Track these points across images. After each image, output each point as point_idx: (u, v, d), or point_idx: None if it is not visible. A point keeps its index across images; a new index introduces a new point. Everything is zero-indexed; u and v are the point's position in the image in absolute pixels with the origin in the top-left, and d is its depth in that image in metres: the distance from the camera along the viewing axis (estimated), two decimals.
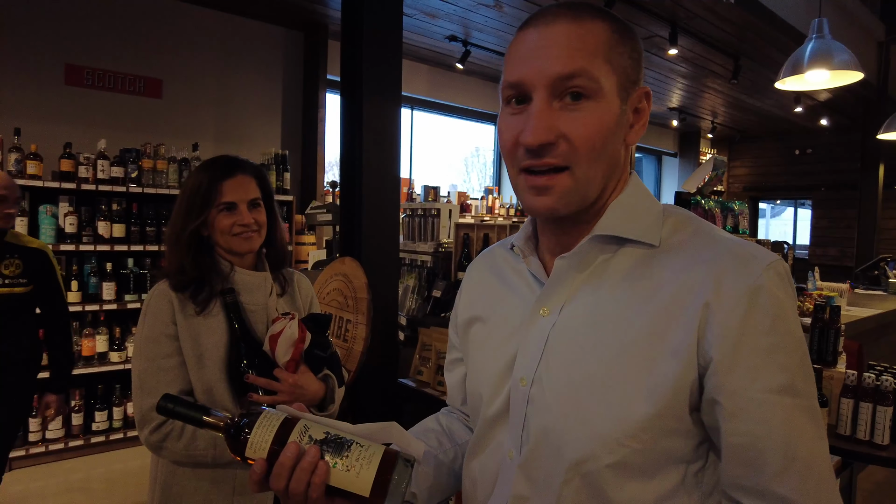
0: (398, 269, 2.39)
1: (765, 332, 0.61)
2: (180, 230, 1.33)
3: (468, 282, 0.90)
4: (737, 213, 2.28)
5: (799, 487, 0.59)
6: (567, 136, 0.65)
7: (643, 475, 0.64)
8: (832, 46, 3.48)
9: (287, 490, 0.64)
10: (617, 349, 0.66)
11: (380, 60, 2.25)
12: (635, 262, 0.69)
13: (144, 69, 4.37)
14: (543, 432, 0.68)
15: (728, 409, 0.61)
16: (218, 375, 1.28)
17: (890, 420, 1.69)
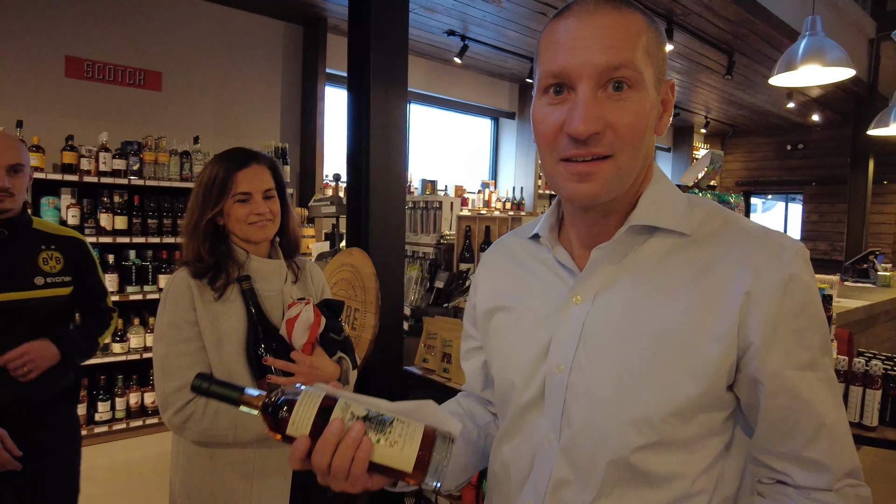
0: (403, 260, 2.45)
1: (796, 315, 0.66)
2: (197, 220, 1.37)
3: (485, 272, 0.91)
4: (732, 205, 2.35)
5: (827, 451, 0.67)
6: (613, 125, 0.66)
7: (685, 450, 0.69)
8: (825, 43, 3.56)
9: (330, 466, 0.65)
10: (658, 335, 0.69)
11: (386, 55, 2.30)
12: (668, 250, 0.72)
13: (144, 62, 4.38)
14: (586, 417, 0.71)
15: (769, 388, 0.67)
16: (237, 359, 1.34)
17: (878, 403, 1.77)
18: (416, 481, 0.67)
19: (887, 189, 8.29)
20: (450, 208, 3.15)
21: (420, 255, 3.11)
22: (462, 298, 2.67)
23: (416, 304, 2.88)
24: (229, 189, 1.36)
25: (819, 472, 0.67)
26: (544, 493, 0.75)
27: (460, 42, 5.32)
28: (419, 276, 2.96)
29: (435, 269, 2.96)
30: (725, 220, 0.73)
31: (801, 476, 0.68)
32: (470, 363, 0.94)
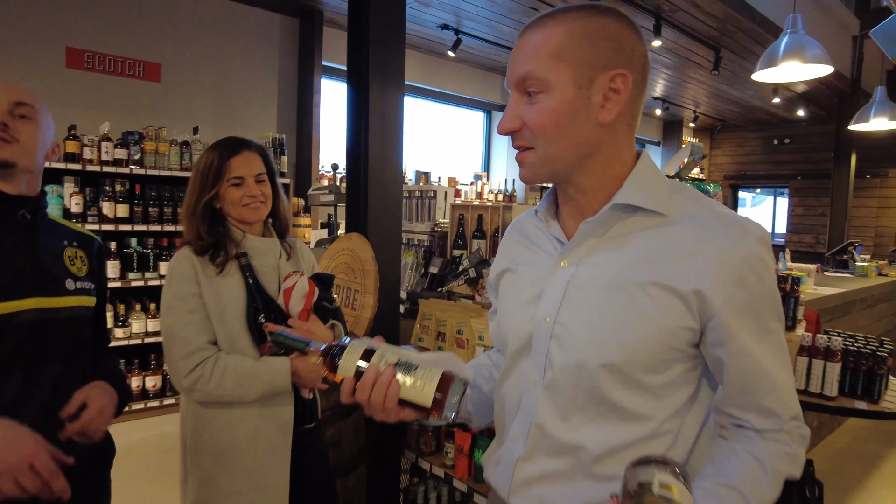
0: (400, 246, 2.57)
1: (754, 289, 0.79)
2: (195, 203, 1.50)
3: (502, 244, 1.06)
4: (711, 194, 2.49)
5: (778, 401, 0.81)
6: (528, 123, 0.83)
7: (654, 395, 0.83)
8: (805, 41, 3.69)
9: (369, 400, 0.82)
10: (629, 296, 0.81)
11: (385, 50, 2.41)
12: (646, 227, 0.84)
13: (143, 53, 4.47)
14: (566, 361, 0.84)
15: (731, 349, 0.79)
16: (238, 327, 1.47)
17: (838, 375, 1.92)
18: (437, 414, 0.82)
19: (869, 183, 8.49)
20: (444, 197, 3.28)
21: (415, 242, 3.24)
22: (455, 283, 2.81)
23: (411, 288, 3.01)
24: (224, 174, 1.50)
25: (772, 418, 0.81)
26: (529, 426, 0.89)
27: (454, 36, 5.43)
28: (414, 262, 3.09)
29: (429, 256, 3.09)
30: (701, 205, 0.85)
31: (758, 421, 0.82)
32: (492, 324, 1.07)
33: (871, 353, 1.97)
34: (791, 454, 0.80)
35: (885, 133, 6.36)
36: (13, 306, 1.11)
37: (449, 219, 3.11)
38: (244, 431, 1.47)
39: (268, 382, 1.45)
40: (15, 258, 1.15)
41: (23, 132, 1.17)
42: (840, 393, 1.97)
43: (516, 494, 0.90)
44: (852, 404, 1.93)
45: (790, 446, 0.81)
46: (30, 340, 1.13)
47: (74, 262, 1.29)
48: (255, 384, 1.43)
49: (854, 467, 3.70)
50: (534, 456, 0.88)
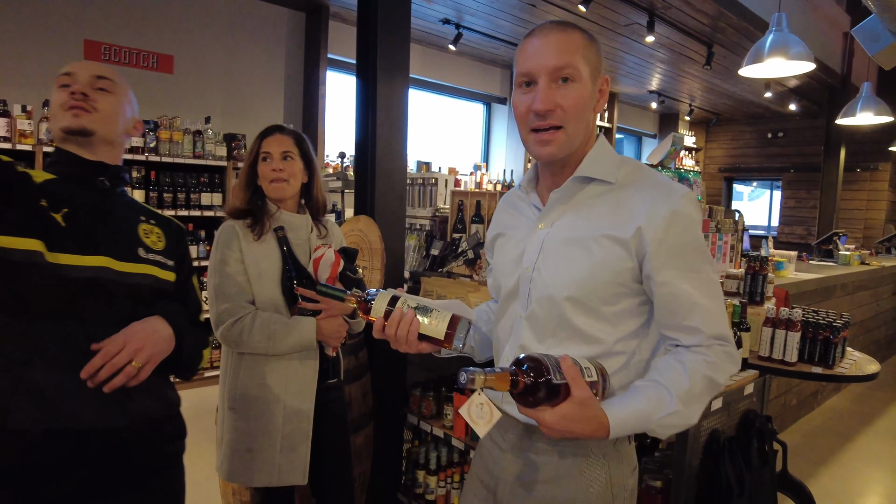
0: (404, 229, 2.79)
1: (678, 235, 1.00)
2: (240, 178, 1.78)
3: (495, 215, 1.30)
4: (692, 182, 2.70)
5: (699, 321, 1.01)
6: (561, 105, 1.01)
7: (608, 322, 1.05)
8: (789, 39, 3.88)
9: (396, 334, 1.04)
10: (586, 245, 1.05)
11: (391, 46, 2.61)
12: (599, 193, 1.08)
13: (157, 45, 4.66)
14: (539, 296, 1.09)
15: (658, 280, 1.01)
16: (275, 289, 1.71)
17: (797, 343, 2.14)
18: (448, 346, 1.06)
19: (859, 177, 8.70)
20: (444, 185, 3.49)
21: (417, 226, 3.45)
22: (454, 264, 3.02)
23: (414, 268, 3.23)
24: (257, 151, 1.76)
25: (695, 335, 1.02)
26: (516, 348, 1.14)
27: (455, 30, 5.62)
28: (417, 245, 3.31)
29: (431, 239, 3.31)
30: (642, 173, 1.09)
31: (686, 339, 1.03)
32: (490, 280, 1.31)
33: (827, 325, 2.19)
34: (711, 363, 1.00)
35: (875, 127, 6.55)
36: (82, 260, 1.13)
37: (449, 204, 3.32)
38: (275, 380, 1.70)
39: (296, 338, 1.67)
40: (91, 219, 1.18)
41: (102, 103, 1.21)
42: (799, 359, 2.19)
43: (507, 401, 1.14)
44: (809, 369, 2.16)
45: (711, 357, 1.01)
46: (91, 296, 1.12)
47: (150, 235, 1.28)
48: (285, 339, 1.66)
49: (829, 443, 3.93)
50: None
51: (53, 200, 1.14)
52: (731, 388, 1.86)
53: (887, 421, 4.39)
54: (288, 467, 1.70)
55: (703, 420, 1.73)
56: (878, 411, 4.56)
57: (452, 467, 2.58)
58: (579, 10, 4.82)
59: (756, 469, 1.86)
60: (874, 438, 3.97)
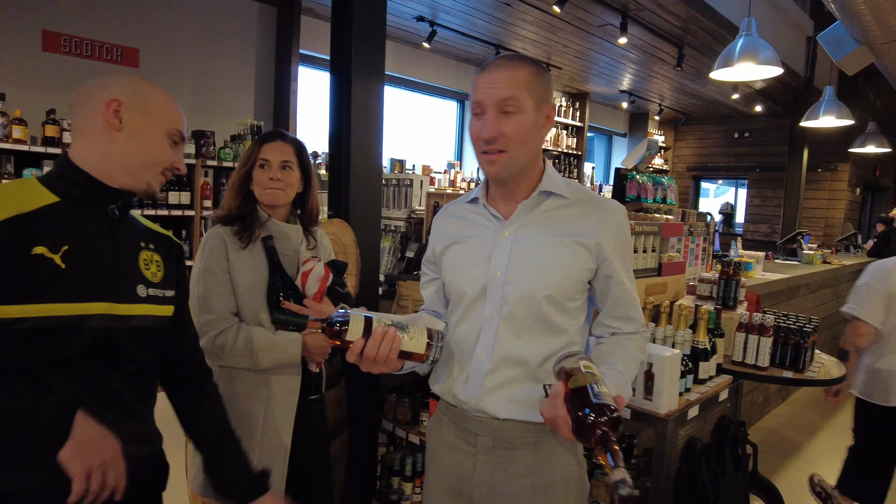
0: (379, 231, 2.74)
1: (622, 243, 1.24)
2: (233, 181, 1.71)
3: (437, 228, 1.36)
4: (665, 186, 2.72)
5: (637, 312, 1.26)
6: (505, 133, 1.14)
7: (570, 315, 1.22)
8: (758, 44, 3.95)
9: (377, 355, 1.07)
10: (552, 249, 1.19)
11: (367, 43, 2.55)
12: (558, 206, 1.23)
13: (121, 38, 4.49)
14: (517, 297, 1.19)
15: (615, 279, 1.22)
16: (260, 302, 1.64)
17: (770, 348, 2.18)
18: (424, 359, 1.12)
19: (820, 177, 8.96)
20: (419, 186, 3.45)
21: (392, 228, 3.41)
22: None
23: (389, 271, 3.18)
24: (255, 156, 1.69)
25: (633, 323, 1.25)
26: (492, 347, 1.21)
27: (429, 27, 5.57)
28: (392, 247, 3.26)
29: (406, 241, 3.27)
30: (584, 192, 1.27)
31: (626, 327, 1.25)
32: (428, 290, 1.38)
33: (798, 329, 2.23)
34: (642, 347, 1.26)
35: (836, 129, 6.74)
36: (84, 308, 1.02)
37: (425, 206, 3.29)
38: (255, 395, 1.63)
39: (281, 353, 1.61)
40: (93, 256, 1.06)
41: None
42: (771, 364, 2.23)
43: (487, 400, 1.20)
44: (781, 373, 2.20)
45: (642, 342, 1.26)
46: (95, 348, 1.03)
47: (149, 266, 1.16)
48: (269, 353, 1.60)
49: (794, 437, 4.04)
50: (498, 369, 1.21)
51: (52, 238, 1.01)
52: (707, 394, 1.88)
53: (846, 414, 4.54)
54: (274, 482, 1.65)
55: (681, 428, 1.74)
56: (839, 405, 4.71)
57: None
58: (554, 10, 4.82)
59: (730, 473, 1.88)
60: (835, 431, 4.10)
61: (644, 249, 2.42)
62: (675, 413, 1.70)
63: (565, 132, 8.30)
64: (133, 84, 1.15)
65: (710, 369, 1.97)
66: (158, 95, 1.17)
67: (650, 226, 2.43)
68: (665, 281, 2.49)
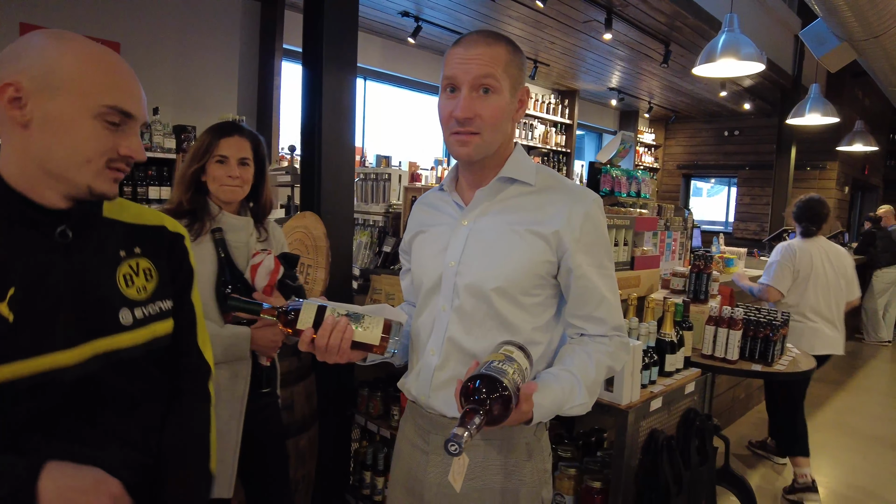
0: (352, 225, 2.72)
1: (590, 234, 1.11)
2: (184, 172, 1.66)
3: (412, 216, 1.31)
4: (640, 180, 2.71)
5: (605, 312, 1.13)
6: (480, 114, 1.06)
7: (527, 312, 1.12)
8: (740, 40, 3.95)
9: (327, 345, 1.03)
10: (509, 240, 1.11)
11: (338, 34, 2.54)
12: (521, 193, 1.15)
13: (101, 31, 4.44)
14: (468, 287, 1.12)
15: (576, 274, 1.11)
16: (209, 295, 1.60)
17: (738, 341, 2.17)
18: (381, 351, 1.06)
19: (808, 175, 8.99)
20: (398, 180, 3.43)
21: (370, 222, 3.39)
22: None
23: (365, 265, 3.17)
24: (212, 151, 1.64)
25: (600, 325, 1.13)
26: (442, 341, 1.15)
27: (414, 23, 5.54)
28: (369, 241, 3.24)
29: (383, 235, 3.25)
30: (556, 179, 1.18)
31: (591, 328, 1.14)
32: (405, 281, 1.34)
33: (767, 323, 2.22)
34: (611, 353, 1.13)
35: (823, 127, 6.75)
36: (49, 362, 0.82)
37: (402, 200, 3.27)
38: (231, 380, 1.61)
39: (228, 347, 1.59)
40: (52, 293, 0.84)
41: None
42: (741, 357, 2.22)
43: (435, 396, 1.15)
44: (749, 366, 2.19)
45: (611, 347, 1.14)
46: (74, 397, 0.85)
47: (134, 280, 0.94)
48: (215, 347, 1.55)
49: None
50: (447, 364, 1.15)
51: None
52: (672, 387, 1.87)
53: (828, 411, 4.54)
54: (226, 478, 1.62)
55: (643, 420, 1.73)
56: (822, 401, 4.72)
57: None
58: (537, 5, 4.81)
59: (695, 467, 1.87)
60: (816, 428, 4.10)
61: (616, 243, 2.41)
62: (637, 405, 1.69)
63: (554, 130, 8.29)
64: (39, 52, 0.82)
65: (676, 362, 1.97)
66: (75, 62, 0.82)
67: (622, 219, 2.42)
68: (638, 275, 2.48)
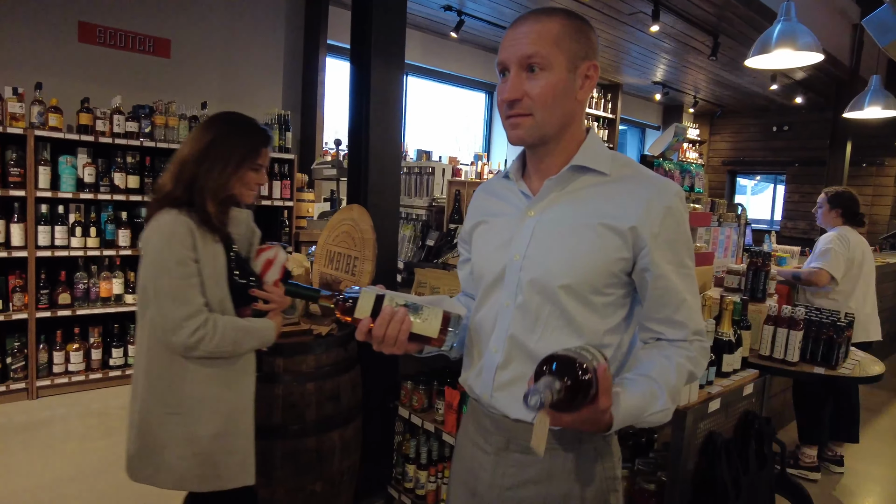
0: (398, 218, 2.72)
1: (672, 230, 1.02)
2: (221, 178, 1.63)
3: (473, 205, 1.25)
4: (693, 174, 2.63)
5: (686, 316, 1.04)
6: (529, 94, 1.00)
7: (598, 314, 1.04)
8: (797, 29, 3.78)
9: (385, 335, 1.00)
10: (582, 235, 1.03)
11: (387, 30, 2.53)
12: (594, 183, 1.06)
13: (153, 29, 4.58)
14: (532, 284, 1.05)
15: (654, 273, 1.02)
16: (226, 290, 1.64)
17: (799, 342, 2.08)
18: (439, 344, 1.03)
19: (865, 172, 8.59)
20: (441, 174, 3.42)
21: (414, 216, 3.39)
22: (450, 255, 2.96)
23: (409, 259, 3.17)
24: (253, 158, 1.66)
25: (680, 329, 1.05)
26: (504, 339, 1.09)
27: (456, 17, 5.52)
28: (412, 235, 3.24)
29: (427, 229, 3.24)
30: (633, 168, 1.08)
31: (671, 332, 1.05)
32: (463, 271, 1.29)
33: (831, 324, 2.12)
34: (692, 358, 1.04)
35: (881, 121, 6.44)
36: None
37: (446, 194, 3.26)
38: (221, 381, 1.65)
39: (260, 338, 1.67)
40: None
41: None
42: (801, 359, 2.13)
43: (498, 396, 1.10)
44: (811, 369, 2.10)
45: (693, 352, 1.05)
46: None
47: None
48: (249, 341, 1.64)
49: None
50: (509, 363, 1.08)
51: None
52: (731, 388, 1.81)
53: (887, 419, 4.34)
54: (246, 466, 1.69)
55: (701, 422, 1.68)
56: (880, 409, 4.51)
57: (444, 461, 2.53)
58: None
59: (753, 471, 1.81)
60: (874, 437, 3.92)
61: None
62: (694, 405, 1.64)
63: (597, 124, 8.15)
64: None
65: (734, 362, 1.90)
66: None
67: None
68: None
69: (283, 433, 2.13)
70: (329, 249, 2.58)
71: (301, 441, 2.16)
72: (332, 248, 2.56)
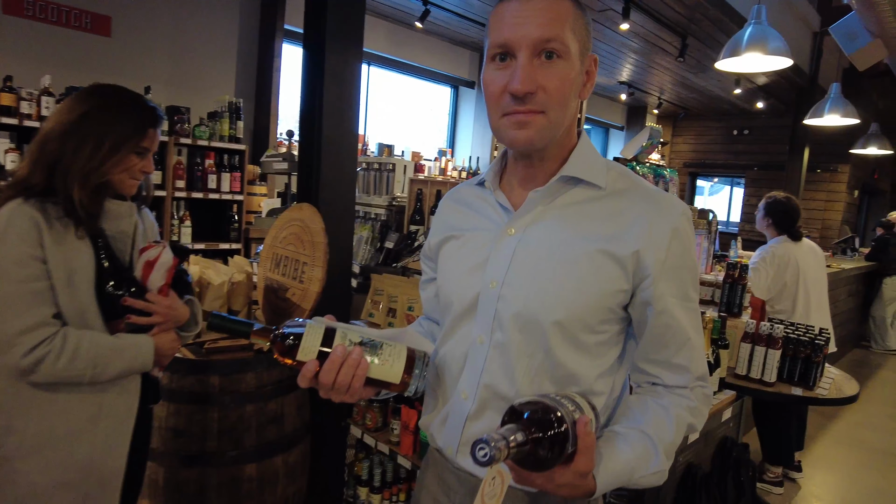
0: (353, 219, 2.50)
1: (678, 257, 0.85)
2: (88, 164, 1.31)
3: (439, 215, 1.06)
4: (667, 179, 2.50)
5: (688, 358, 0.88)
6: (545, 87, 0.81)
7: (589, 355, 0.87)
8: (768, 33, 3.73)
9: (335, 382, 0.80)
10: (573, 260, 0.85)
11: (344, 14, 2.31)
12: (587, 198, 0.89)
13: (91, 4, 4.20)
14: (516, 318, 0.87)
15: (656, 308, 0.85)
16: (90, 298, 1.31)
17: (778, 361, 1.97)
18: (401, 390, 0.85)
19: (819, 177, 8.79)
20: (403, 171, 3.21)
21: (372, 215, 3.17)
22: (410, 259, 2.76)
23: (365, 262, 2.95)
24: (137, 140, 1.34)
25: (681, 374, 0.89)
26: (477, 385, 0.90)
27: (422, 6, 5.29)
28: (370, 236, 3.03)
29: (386, 230, 3.03)
30: (631, 180, 0.91)
31: (669, 377, 0.89)
32: (426, 292, 1.10)
33: (809, 342, 2.02)
34: (693, 408, 0.88)
35: (837, 129, 6.54)
36: None
37: (407, 193, 3.05)
38: (84, 415, 1.33)
39: (130, 360, 1.33)
40: None
41: None
42: (779, 379, 2.02)
43: (465, 451, 0.91)
44: (789, 390, 1.99)
45: (693, 402, 0.89)
46: None
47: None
48: (115, 362, 1.31)
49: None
50: (483, 413, 0.90)
51: None
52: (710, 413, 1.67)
53: (841, 425, 4.38)
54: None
55: (679, 454, 1.53)
56: (836, 416, 4.55)
57: (399, 483, 2.34)
58: None
59: (732, 502, 1.68)
60: (830, 444, 3.93)
61: None
62: None
63: None
64: None
65: (712, 384, 1.76)
66: None
67: None
68: None
69: (218, 460, 1.90)
70: (276, 252, 2.34)
71: (239, 469, 1.94)
72: (279, 251, 2.33)
